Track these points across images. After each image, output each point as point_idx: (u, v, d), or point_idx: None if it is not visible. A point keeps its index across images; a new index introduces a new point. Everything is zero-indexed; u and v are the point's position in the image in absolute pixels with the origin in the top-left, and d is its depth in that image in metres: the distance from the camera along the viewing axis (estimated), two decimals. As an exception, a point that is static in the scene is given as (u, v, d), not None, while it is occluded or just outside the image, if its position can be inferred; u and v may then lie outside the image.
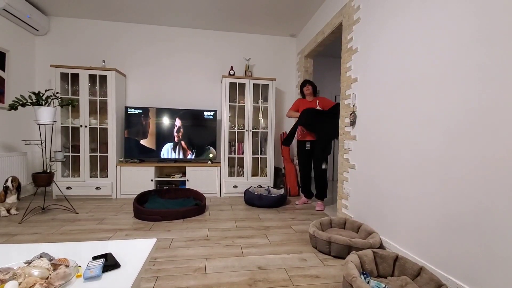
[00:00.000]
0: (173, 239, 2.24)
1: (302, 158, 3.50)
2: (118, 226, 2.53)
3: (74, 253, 1.07)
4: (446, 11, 1.57)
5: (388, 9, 2.09)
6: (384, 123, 2.12)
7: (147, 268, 1.75)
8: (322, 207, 3.32)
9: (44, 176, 2.79)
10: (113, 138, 3.61)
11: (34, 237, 2.22)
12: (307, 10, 3.54)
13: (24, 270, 0.83)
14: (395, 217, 1.98)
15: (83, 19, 3.91)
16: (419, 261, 1.72)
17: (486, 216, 1.32)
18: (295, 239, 2.30)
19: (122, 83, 3.87)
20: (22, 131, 3.62)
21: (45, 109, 2.71)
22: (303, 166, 3.51)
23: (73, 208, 2.97)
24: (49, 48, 3.87)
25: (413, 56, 1.82)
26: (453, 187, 1.50)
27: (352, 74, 2.59)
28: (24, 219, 2.67)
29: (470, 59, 1.42)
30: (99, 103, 3.68)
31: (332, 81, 5.41)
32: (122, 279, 0.88)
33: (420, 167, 1.74)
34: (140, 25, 4.06)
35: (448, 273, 1.51)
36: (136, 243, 1.17)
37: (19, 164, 3.33)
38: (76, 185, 3.54)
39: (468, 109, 1.42)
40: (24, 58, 3.64)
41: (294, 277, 1.67)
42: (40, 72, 3.85)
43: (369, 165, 2.30)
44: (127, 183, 3.66)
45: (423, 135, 1.72)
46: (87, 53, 3.95)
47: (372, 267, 1.63)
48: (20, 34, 3.55)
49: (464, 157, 1.44)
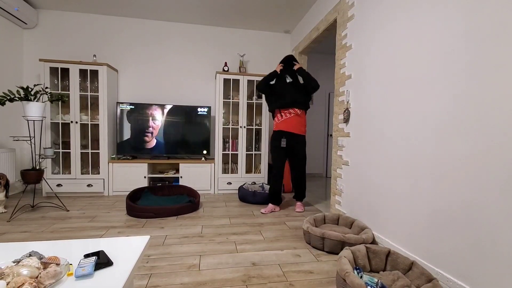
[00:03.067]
0: (167, 236, 2.23)
1: (278, 155, 2.95)
2: (110, 223, 2.50)
3: (65, 251, 1.05)
4: (437, 10, 1.58)
5: (382, 7, 2.09)
6: (377, 120, 2.13)
7: (140, 265, 1.73)
8: (302, 208, 3.04)
9: (33, 173, 2.73)
10: (105, 135, 3.55)
11: (23, 236, 2.17)
12: (302, 6, 3.53)
13: (13, 270, 0.81)
14: (387, 213, 2.00)
15: (73, 12, 3.81)
16: (411, 255, 1.75)
17: (475, 211, 1.34)
18: (289, 235, 2.31)
19: (114, 78, 3.79)
20: (10, 127, 3.52)
21: (34, 105, 2.64)
22: (278, 167, 2.97)
23: (64, 206, 2.91)
24: (37, 41, 3.76)
25: (406, 53, 1.83)
26: (443, 183, 1.53)
27: (346, 71, 2.60)
28: (13, 217, 2.62)
29: (460, 58, 1.43)
30: (90, 98, 3.61)
31: (326, 78, 5.42)
32: (114, 277, 0.87)
33: (412, 164, 1.76)
34: (133, 19, 3.98)
35: (439, 267, 1.54)
36: (129, 240, 1.15)
37: (7, 161, 3.25)
38: (67, 182, 3.48)
39: (458, 107, 1.44)
40: (11, 52, 3.54)
41: (288, 273, 1.68)
42: (29, 67, 3.75)
43: (362, 162, 2.32)
44: (120, 180, 3.61)
45: (415, 132, 1.74)
46: (77, 47, 3.85)
47: (365, 262, 1.64)
48: (7, 27, 3.44)
49: (454, 153, 1.46)
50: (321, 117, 5.57)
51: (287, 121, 2.90)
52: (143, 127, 3.75)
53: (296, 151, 2.94)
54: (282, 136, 2.92)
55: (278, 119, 2.97)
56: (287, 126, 2.90)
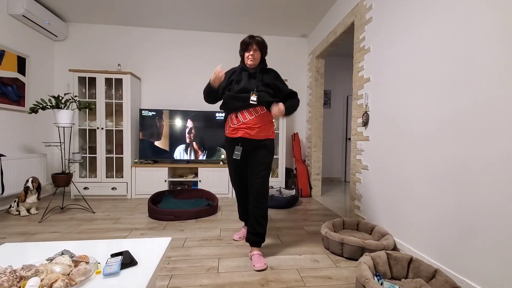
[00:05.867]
0: (186, 238, 2.28)
1: (233, 167, 2.11)
2: (133, 225, 2.60)
3: (93, 250, 1.11)
4: (460, 10, 1.54)
5: (401, 8, 2.06)
6: (398, 123, 2.09)
7: (162, 266, 1.79)
8: (262, 262, 1.78)
9: (63, 176, 2.90)
10: (128, 140, 3.70)
11: (54, 236, 2.30)
12: (318, 10, 3.52)
13: (46, 267, 0.87)
14: (409, 218, 1.94)
15: (99, 25, 4.04)
16: (434, 263, 1.68)
17: (503, 217, 1.28)
18: (307, 240, 2.29)
19: (136, 86, 3.96)
20: (42, 133, 3.76)
21: (64, 112, 2.81)
22: (236, 183, 2.16)
23: (90, 208, 3.06)
24: (67, 53, 4.01)
25: (427, 55, 1.78)
26: (468, 188, 1.47)
27: (365, 74, 2.57)
28: (44, 218, 2.78)
29: (486, 59, 1.38)
30: (115, 105, 3.78)
31: (344, 81, 5.36)
32: (139, 276, 0.91)
33: (435, 168, 1.70)
34: (153, 29, 4.15)
35: (464, 276, 1.48)
36: (151, 241, 1.20)
37: (39, 165, 3.46)
38: (93, 185, 3.65)
39: (483, 109, 1.38)
40: (43, 63, 3.79)
41: (306, 278, 1.67)
42: (59, 76, 4.00)
43: (382, 166, 2.27)
44: (142, 184, 3.74)
45: (437, 135, 1.69)
46: (103, 57, 4.07)
47: (385, 269, 1.60)
48: (39, 40, 3.69)
49: (479, 158, 1.40)
50: (339, 120, 5.49)
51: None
52: (164, 133, 3.87)
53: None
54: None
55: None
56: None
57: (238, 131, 1.95)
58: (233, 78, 2.03)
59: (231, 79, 2.04)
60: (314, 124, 4.06)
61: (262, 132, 1.98)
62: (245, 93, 1.92)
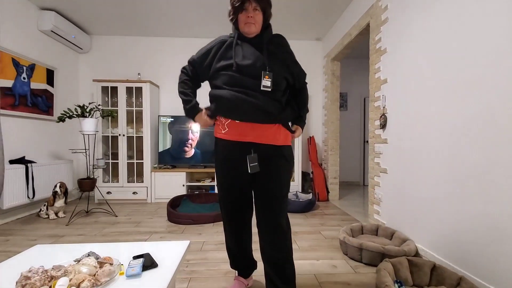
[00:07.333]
0: (204, 242, 2.32)
1: (229, 186, 1.40)
2: (153, 228, 2.67)
3: (116, 253, 1.16)
4: (483, 5, 1.49)
5: (418, 8, 2.02)
6: (417, 125, 2.03)
7: (181, 269, 1.83)
8: None
9: (88, 181, 3.04)
10: (148, 146, 3.83)
11: (80, 238, 2.42)
12: (333, 13, 3.51)
13: (74, 268, 0.92)
14: (431, 223, 1.88)
15: (120, 36, 4.23)
16: (459, 270, 1.61)
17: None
18: (324, 245, 2.27)
19: (155, 93, 4.10)
20: (68, 140, 3.96)
21: (88, 120, 2.96)
22: (230, 210, 1.45)
23: (113, 212, 3.18)
24: (91, 64, 4.23)
25: (447, 56, 1.73)
26: (493, 193, 1.40)
27: (382, 75, 2.52)
28: (71, 221, 2.92)
29: (510, 61, 1.33)
30: (135, 113, 3.93)
31: (360, 83, 5.28)
32: (160, 278, 0.95)
33: (457, 171, 1.64)
34: (171, 38, 4.29)
35: (490, 283, 1.41)
36: (171, 244, 1.24)
37: (66, 171, 3.64)
38: (115, 190, 3.80)
39: (508, 111, 1.33)
40: (69, 74, 4.01)
41: (324, 284, 1.65)
42: (84, 87, 4.22)
43: (402, 169, 2.21)
44: (161, 188, 3.84)
45: (460, 136, 1.63)
46: (124, 67, 4.25)
47: (406, 275, 1.56)
48: (66, 53, 3.92)
49: (505, 162, 1.34)
50: (356, 123, 5.40)
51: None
52: (183, 138, 3.97)
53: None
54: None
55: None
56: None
57: (247, 134, 1.28)
58: (223, 55, 1.39)
59: (220, 55, 1.41)
60: (330, 127, 4.02)
61: (280, 135, 1.30)
62: (252, 77, 1.24)
